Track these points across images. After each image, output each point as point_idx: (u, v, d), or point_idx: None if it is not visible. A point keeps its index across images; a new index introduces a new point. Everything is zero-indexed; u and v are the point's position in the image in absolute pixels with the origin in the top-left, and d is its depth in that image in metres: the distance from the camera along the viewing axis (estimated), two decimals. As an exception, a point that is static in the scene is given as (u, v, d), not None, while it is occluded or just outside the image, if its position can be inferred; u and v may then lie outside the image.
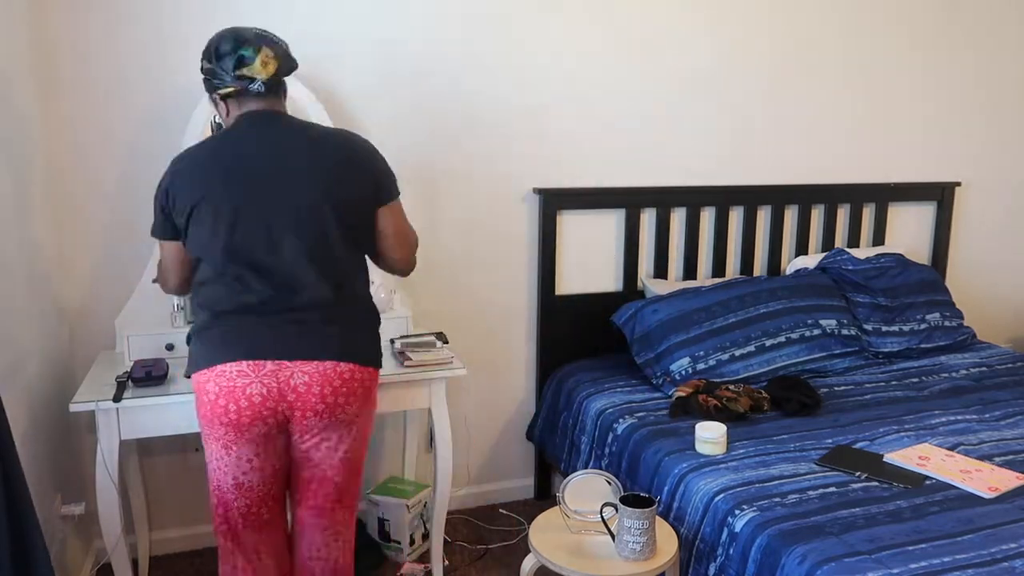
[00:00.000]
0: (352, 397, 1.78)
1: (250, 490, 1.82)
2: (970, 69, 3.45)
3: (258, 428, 1.75)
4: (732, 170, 3.16)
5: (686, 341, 2.73)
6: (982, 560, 1.68)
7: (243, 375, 1.71)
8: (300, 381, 1.73)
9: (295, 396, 1.73)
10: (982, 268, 3.68)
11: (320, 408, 1.76)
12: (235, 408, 1.72)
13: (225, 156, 1.75)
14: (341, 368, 1.75)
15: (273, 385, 1.72)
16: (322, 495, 1.88)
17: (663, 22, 2.96)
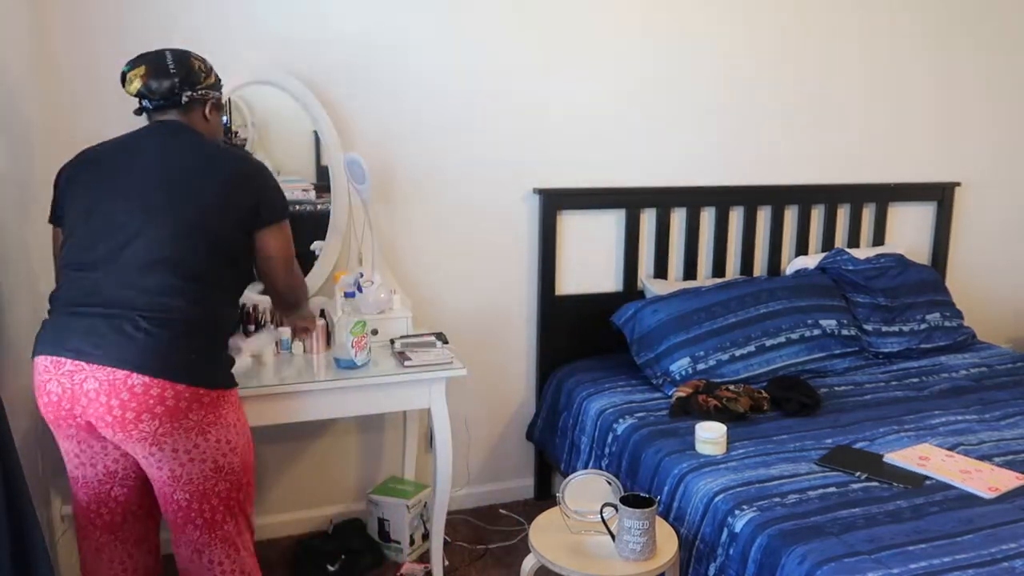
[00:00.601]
0: (148, 415, 1.63)
1: (86, 485, 1.79)
2: (970, 69, 3.45)
3: (64, 428, 1.72)
4: (732, 170, 3.16)
5: (686, 341, 2.73)
6: (982, 560, 1.68)
7: (47, 371, 1.67)
8: (91, 387, 1.63)
9: (87, 402, 1.64)
10: (982, 268, 3.68)
11: (109, 420, 1.64)
12: (43, 403, 1.70)
13: (109, 154, 1.81)
14: (133, 380, 1.61)
15: (67, 386, 1.65)
16: (169, 512, 1.78)
17: (664, 22, 2.96)
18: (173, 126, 1.84)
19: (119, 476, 1.79)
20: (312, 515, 2.88)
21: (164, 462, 1.70)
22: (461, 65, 2.77)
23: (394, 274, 2.74)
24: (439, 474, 2.42)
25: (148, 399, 1.63)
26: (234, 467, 1.77)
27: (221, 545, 1.80)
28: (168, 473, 1.72)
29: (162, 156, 1.78)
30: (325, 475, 2.88)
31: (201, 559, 1.81)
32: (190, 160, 1.78)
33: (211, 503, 1.76)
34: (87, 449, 1.75)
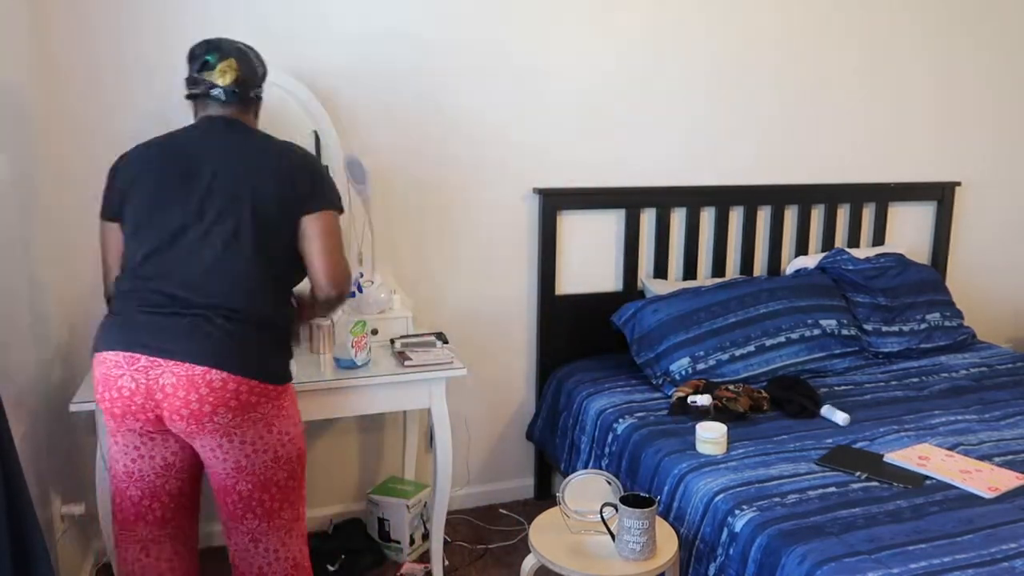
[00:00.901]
0: (224, 408, 1.68)
1: (141, 479, 1.81)
2: (970, 69, 3.45)
3: (129, 422, 1.73)
4: (732, 170, 3.16)
5: (686, 341, 2.73)
6: (982, 560, 1.68)
7: (119, 366, 1.69)
8: (168, 382, 1.67)
9: (163, 396, 1.68)
10: (982, 268, 3.68)
11: (185, 413, 1.67)
12: (110, 397, 1.71)
13: (169, 151, 1.81)
14: (212, 376, 1.66)
15: (142, 381, 1.68)
16: (230, 502, 1.80)
17: (664, 23, 2.96)
18: (235, 124, 1.85)
19: (175, 468, 1.82)
20: (312, 515, 2.87)
21: (231, 453, 1.74)
22: (461, 65, 2.77)
23: (394, 274, 2.74)
24: (439, 474, 2.42)
25: (225, 393, 1.68)
26: (291, 457, 1.82)
27: (276, 533, 1.84)
28: (233, 464, 1.76)
29: (226, 155, 1.80)
30: (325, 475, 2.88)
31: (257, 547, 1.84)
32: (256, 160, 1.80)
33: (271, 492, 1.81)
34: (147, 442, 1.77)
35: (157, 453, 1.79)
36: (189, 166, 1.78)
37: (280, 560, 1.86)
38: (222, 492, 1.80)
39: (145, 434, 1.76)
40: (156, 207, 1.76)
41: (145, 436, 1.76)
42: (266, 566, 1.85)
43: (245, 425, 1.73)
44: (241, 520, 1.82)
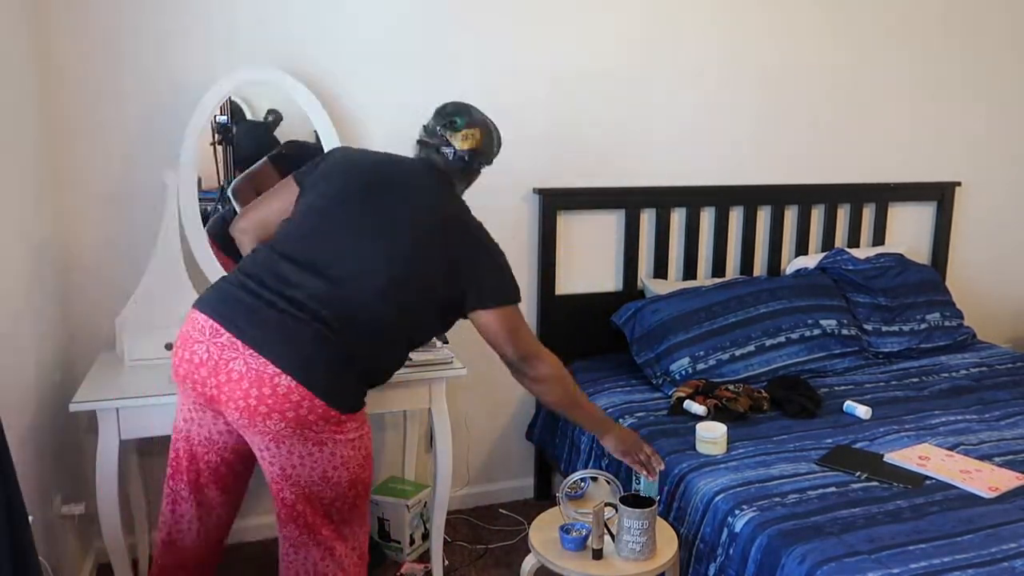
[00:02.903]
0: (278, 414, 1.63)
1: (188, 441, 1.81)
2: (970, 69, 3.45)
3: (187, 389, 1.72)
4: (732, 170, 3.16)
5: (686, 341, 2.73)
6: (982, 560, 1.68)
7: (201, 332, 1.67)
8: (237, 368, 1.63)
9: (226, 379, 1.64)
10: (982, 268, 3.68)
11: (241, 405, 1.63)
12: (181, 358, 1.70)
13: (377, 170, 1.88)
14: (280, 380, 1.62)
15: (216, 355, 1.65)
16: (278, 504, 1.78)
17: (663, 23, 2.96)
18: (441, 173, 1.90)
19: (218, 446, 1.81)
20: (312, 515, 2.87)
21: (277, 459, 1.71)
22: (461, 65, 2.77)
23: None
24: (439, 474, 2.42)
25: (286, 402, 1.62)
26: (342, 480, 1.75)
27: (316, 548, 1.79)
28: (279, 470, 1.72)
29: (421, 198, 1.83)
30: (325, 475, 2.88)
31: (298, 554, 1.81)
32: (441, 213, 1.83)
33: (313, 507, 1.75)
34: (202, 415, 1.77)
35: (206, 425, 1.78)
36: (384, 191, 1.81)
37: (319, 572, 1.80)
38: (273, 492, 1.78)
39: (201, 407, 1.76)
40: (332, 209, 1.79)
41: (199, 409, 1.76)
42: (303, 573, 1.81)
43: (295, 437, 1.67)
44: (285, 525, 1.80)
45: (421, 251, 1.77)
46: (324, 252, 1.74)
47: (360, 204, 1.79)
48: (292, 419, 1.64)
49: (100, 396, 2.09)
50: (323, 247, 1.75)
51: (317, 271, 1.71)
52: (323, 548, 1.79)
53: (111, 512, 2.09)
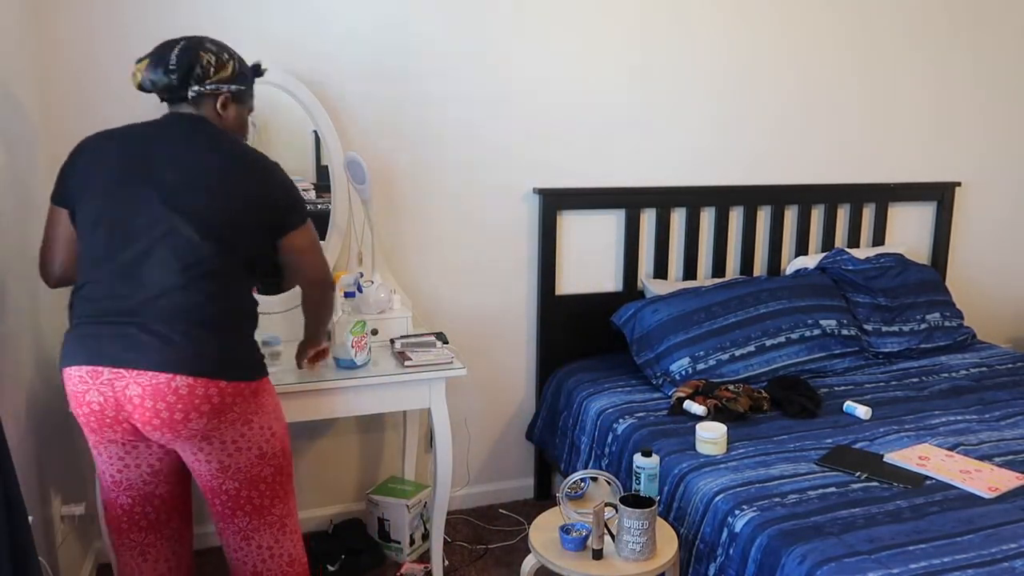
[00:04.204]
0: (195, 413, 1.64)
1: (130, 488, 1.80)
2: (970, 69, 3.45)
3: (108, 435, 1.71)
4: (732, 170, 3.16)
5: (686, 341, 2.73)
6: (982, 560, 1.68)
7: (83, 381, 1.66)
8: (134, 393, 1.63)
9: (132, 408, 1.64)
10: (982, 268, 3.68)
11: (156, 423, 1.64)
12: (83, 413, 1.69)
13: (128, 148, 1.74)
14: (178, 382, 1.62)
15: (109, 395, 1.64)
16: (218, 503, 1.79)
17: (663, 23, 2.96)
18: (192, 120, 1.79)
19: (163, 473, 1.81)
20: (312, 515, 2.88)
21: (212, 455, 1.72)
22: (461, 65, 2.77)
23: (394, 274, 2.74)
24: (439, 474, 2.42)
25: (194, 399, 1.64)
26: (276, 452, 1.80)
27: (268, 529, 1.83)
28: (217, 465, 1.74)
29: (182, 154, 1.73)
30: (325, 475, 2.88)
31: (250, 544, 1.83)
32: (211, 160, 1.74)
33: (259, 489, 1.79)
34: (131, 451, 1.76)
35: (143, 461, 1.78)
36: (147, 165, 1.71)
37: (275, 557, 1.85)
38: (210, 493, 1.79)
39: (127, 443, 1.74)
40: (110, 210, 1.69)
41: (128, 445, 1.74)
42: (260, 563, 1.84)
43: (223, 427, 1.70)
44: (231, 519, 1.80)
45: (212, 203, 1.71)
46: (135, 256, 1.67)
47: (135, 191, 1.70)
48: (209, 411, 1.66)
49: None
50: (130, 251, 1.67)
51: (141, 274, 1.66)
52: (275, 527, 1.83)
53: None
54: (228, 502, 1.78)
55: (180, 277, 1.66)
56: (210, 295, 1.68)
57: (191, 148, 1.74)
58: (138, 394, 1.63)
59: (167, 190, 1.69)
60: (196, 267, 1.67)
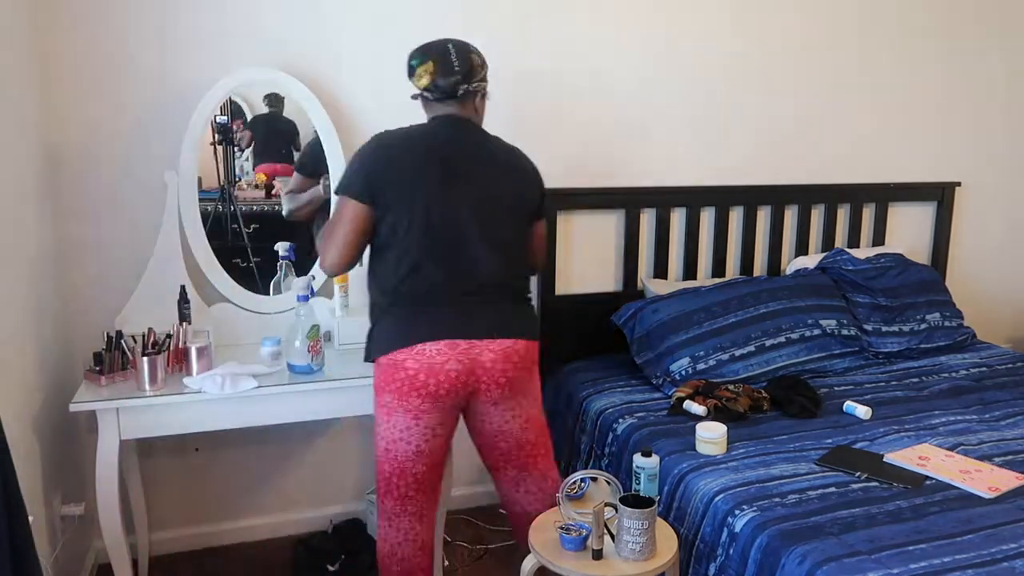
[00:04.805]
0: (527, 371, 2.02)
1: (428, 456, 2.01)
2: (970, 69, 3.45)
3: (445, 401, 1.95)
4: (732, 170, 3.16)
5: (686, 341, 2.73)
6: (982, 560, 1.68)
7: (441, 353, 1.91)
8: (487, 359, 1.94)
9: (482, 372, 1.94)
10: (982, 268, 3.68)
11: (502, 382, 1.97)
12: (434, 382, 1.91)
13: (423, 146, 1.97)
14: (518, 346, 1.98)
15: (466, 362, 1.92)
16: (522, 454, 2.11)
17: (663, 24, 2.96)
18: (462, 121, 2.02)
19: (449, 440, 2.08)
20: (312, 515, 2.88)
21: (523, 408, 2.07)
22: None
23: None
24: (439, 474, 2.41)
25: (527, 359, 2.02)
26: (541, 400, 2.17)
27: (553, 464, 2.21)
28: (524, 418, 2.08)
29: (472, 151, 2.00)
30: (325, 475, 2.88)
31: (547, 482, 2.17)
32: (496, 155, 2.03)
33: (546, 433, 2.18)
34: (444, 420, 1.99)
35: (447, 428, 2.02)
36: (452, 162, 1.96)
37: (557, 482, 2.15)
38: (515, 448, 2.10)
39: (450, 409, 1.98)
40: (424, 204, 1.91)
41: (449, 411, 1.98)
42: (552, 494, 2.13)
43: (533, 381, 2.08)
44: (535, 464, 2.14)
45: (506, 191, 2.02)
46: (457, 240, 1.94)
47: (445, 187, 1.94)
48: (532, 367, 2.05)
49: (100, 396, 2.09)
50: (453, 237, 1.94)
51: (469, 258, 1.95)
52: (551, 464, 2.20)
53: (111, 512, 2.09)
54: (530, 451, 2.12)
55: (496, 261, 1.98)
56: (515, 274, 2.06)
57: (479, 146, 2.02)
58: (490, 359, 1.94)
59: (474, 183, 1.96)
60: (506, 249, 2.00)
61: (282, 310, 2.58)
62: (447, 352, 1.91)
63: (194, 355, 2.19)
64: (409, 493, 2.04)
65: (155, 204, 2.48)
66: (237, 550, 2.76)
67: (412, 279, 1.93)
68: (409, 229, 1.92)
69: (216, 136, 2.52)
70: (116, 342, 2.22)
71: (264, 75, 2.51)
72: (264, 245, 2.60)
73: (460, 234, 1.94)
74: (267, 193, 2.62)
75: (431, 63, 1.96)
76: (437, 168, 1.94)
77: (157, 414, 2.12)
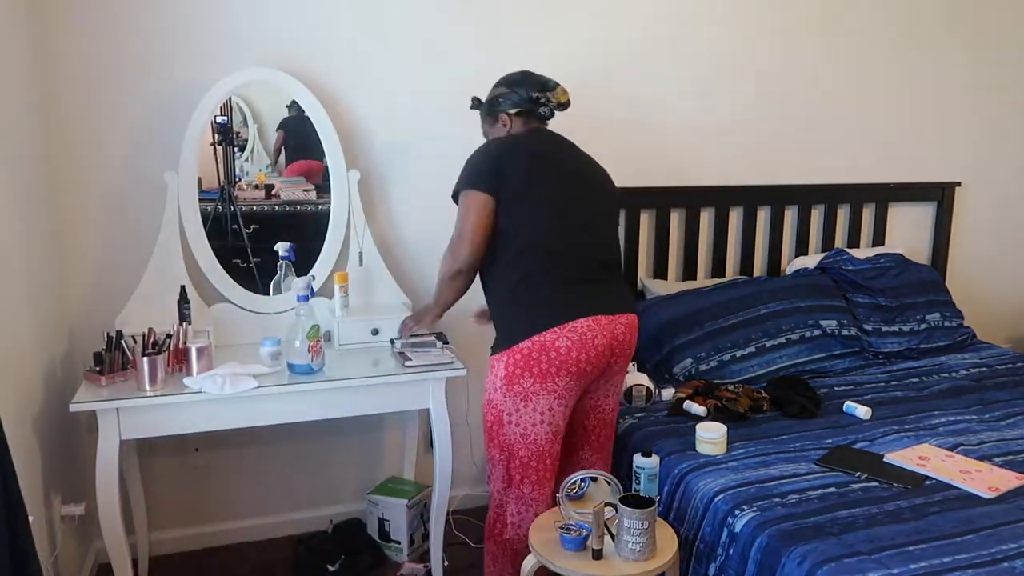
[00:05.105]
0: (636, 343, 2.15)
1: (558, 434, 2.09)
2: (970, 69, 3.45)
3: (589, 375, 2.04)
4: (732, 170, 3.16)
5: (688, 343, 2.73)
6: (982, 560, 1.68)
7: (590, 328, 2.00)
8: (620, 331, 2.05)
9: (616, 344, 2.05)
10: (982, 268, 3.68)
11: (629, 353, 2.13)
12: (585, 357, 2.00)
13: (537, 146, 2.15)
14: (633, 320, 2.11)
15: (609, 336, 2.03)
16: (607, 430, 2.23)
17: (662, 24, 2.96)
18: (552, 132, 2.24)
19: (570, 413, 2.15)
20: (312, 515, 2.88)
21: (617, 386, 2.21)
22: (462, 65, 2.77)
23: (394, 274, 2.74)
24: (439, 474, 2.42)
25: (637, 332, 2.14)
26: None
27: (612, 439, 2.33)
28: (615, 396, 2.23)
29: (575, 158, 2.19)
30: (325, 475, 2.88)
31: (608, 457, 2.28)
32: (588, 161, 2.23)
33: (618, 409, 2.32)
34: (577, 394, 2.08)
35: (575, 401, 2.10)
36: (564, 163, 2.14)
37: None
38: (601, 424, 2.22)
39: (580, 386, 2.06)
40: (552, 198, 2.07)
41: (579, 388, 2.06)
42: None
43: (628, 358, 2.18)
44: (606, 445, 2.25)
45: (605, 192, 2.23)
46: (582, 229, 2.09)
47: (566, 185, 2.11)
48: (636, 340, 2.16)
49: (100, 396, 2.09)
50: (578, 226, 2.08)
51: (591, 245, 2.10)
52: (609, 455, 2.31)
53: (111, 512, 2.09)
54: (608, 431, 2.24)
55: (614, 241, 2.18)
56: (618, 258, 2.20)
57: (577, 154, 2.21)
58: (623, 331, 2.06)
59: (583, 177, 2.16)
60: (615, 233, 2.20)
61: (282, 310, 2.58)
62: (595, 327, 2.01)
63: (194, 355, 2.19)
64: (547, 475, 2.10)
65: (155, 204, 2.48)
66: (237, 550, 2.76)
67: (550, 261, 2.04)
68: (541, 215, 2.05)
69: (216, 136, 2.51)
70: (116, 342, 2.21)
71: (264, 75, 2.50)
72: (264, 245, 2.60)
73: (586, 217, 2.09)
74: (267, 193, 2.62)
75: (557, 87, 2.21)
76: (554, 162, 2.12)
77: (157, 414, 2.12)
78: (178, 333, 2.29)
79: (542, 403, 2.02)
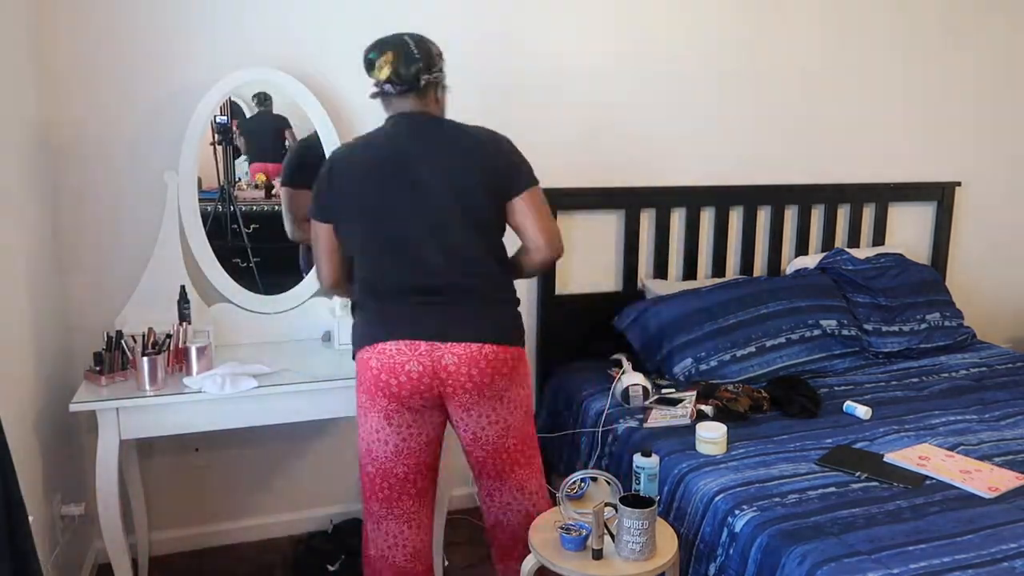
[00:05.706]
0: (498, 375, 1.91)
1: (408, 456, 1.97)
2: (970, 69, 3.45)
3: (409, 402, 1.90)
4: (732, 170, 3.16)
5: (688, 343, 2.73)
6: (982, 560, 1.68)
7: (401, 352, 1.86)
8: (450, 362, 1.87)
9: (446, 375, 1.87)
10: (982, 268, 3.68)
11: (469, 386, 1.89)
12: (396, 383, 1.88)
13: (379, 154, 1.91)
14: (487, 350, 1.88)
15: (427, 363, 1.86)
16: (499, 460, 2.02)
17: (662, 23, 2.96)
18: (421, 118, 1.94)
19: (435, 441, 2.03)
20: (312, 515, 2.88)
21: (501, 414, 1.97)
22: (462, 65, 2.76)
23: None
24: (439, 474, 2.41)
25: (498, 363, 1.90)
26: (531, 409, 2.06)
27: (535, 475, 2.10)
28: (502, 425, 1.99)
29: (431, 152, 1.90)
30: (325, 475, 2.88)
31: (523, 493, 2.08)
32: (457, 153, 1.91)
33: (529, 443, 2.07)
34: (418, 420, 1.95)
35: (425, 428, 1.97)
36: (403, 166, 1.88)
37: (542, 500, 2.11)
38: (492, 454, 2.01)
39: (421, 410, 1.93)
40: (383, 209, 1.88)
41: (422, 412, 1.93)
42: (531, 507, 2.08)
43: (512, 387, 1.96)
44: (510, 474, 2.04)
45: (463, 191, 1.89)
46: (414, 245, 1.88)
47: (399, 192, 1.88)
48: (507, 373, 1.93)
49: (100, 396, 2.09)
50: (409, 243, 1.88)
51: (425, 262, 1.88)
52: (539, 472, 2.11)
53: (111, 512, 2.09)
54: (508, 458, 2.02)
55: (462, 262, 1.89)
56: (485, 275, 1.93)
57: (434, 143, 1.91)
58: (453, 363, 1.87)
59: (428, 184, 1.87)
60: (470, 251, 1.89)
61: (282, 310, 2.58)
62: (407, 352, 1.87)
63: (194, 355, 2.19)
64: (393, 495, 1.99)
65: (155, 204, 2.48)
66: (237, 550, 2.76)
67: (371, 283, 1.93)
68: (361, 238, 1.92)
69: (216, 136, 2.52)
70: (116, 342, 2.22)
71: (264, 75, 2.50)
72: (264, 245, 2.60)
73: (409, 238, 1.88)
74: (267, 193, 2.62)
75: (391, 53, 1.90)
76: (386, 175, 1.89)
77: (157, 414, 2.12)
78: (178, 333, 2.29)
79: (374, 420, 1.95)
